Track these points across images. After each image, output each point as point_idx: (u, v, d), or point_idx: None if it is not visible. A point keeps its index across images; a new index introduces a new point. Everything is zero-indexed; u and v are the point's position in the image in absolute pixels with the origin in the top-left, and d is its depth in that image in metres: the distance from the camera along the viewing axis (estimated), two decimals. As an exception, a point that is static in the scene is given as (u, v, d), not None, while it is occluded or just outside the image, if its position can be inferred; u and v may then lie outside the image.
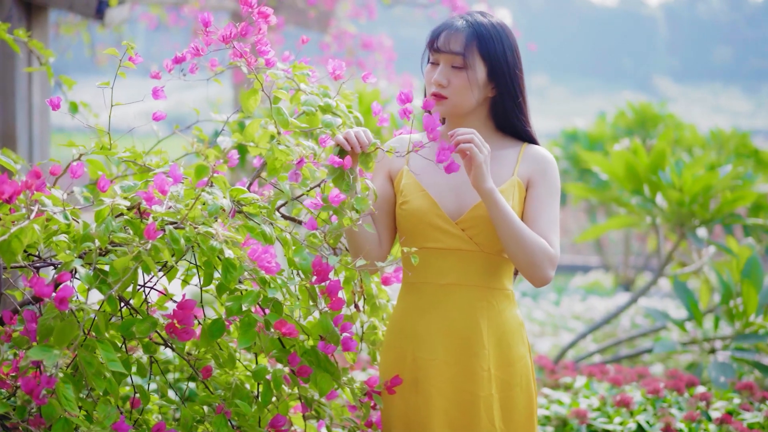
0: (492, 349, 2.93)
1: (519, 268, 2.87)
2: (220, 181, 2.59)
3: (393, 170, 3.03)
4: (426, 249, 2.93)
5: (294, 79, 3.03)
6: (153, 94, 2.99)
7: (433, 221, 2.92)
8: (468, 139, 2.75)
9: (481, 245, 2.92)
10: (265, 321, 2.66)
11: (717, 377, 5.19)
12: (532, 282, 2.89)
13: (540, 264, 2.83)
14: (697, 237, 6.05)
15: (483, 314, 2.93)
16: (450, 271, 2.93)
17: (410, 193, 2.95)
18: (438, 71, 2.91)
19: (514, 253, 2.83)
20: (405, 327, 2.97)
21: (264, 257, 2.54)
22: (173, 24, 10.75)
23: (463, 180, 2.94)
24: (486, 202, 2.80)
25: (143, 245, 2.49)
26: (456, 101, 2.92)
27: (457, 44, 2.88)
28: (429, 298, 2.95)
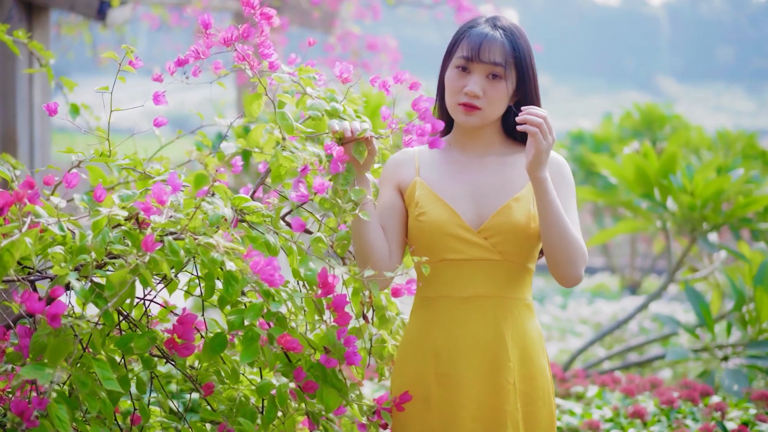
0: (516, 362, 2.83)
1: (556, 265, 2.77)
2: (221, 189, 2.47)
3: (402, 182, 2.91)
4: (446, 261, 2.83)
5: (300, 82, 2.93)
6: (154, 99, 2.89)
7: (453, 231, 2.81)
8: (537, 123, 2.68)
9: (504, 254, 2.81)
10: (268, 335, 2.55)
11: (730, 385, 5.07)
12: (565, 281, 2.80)
13: (577, 261, 2.77)
14: (708, 242, 5.93)
15: (507, 326, 2.83)
16: (472, 282, 2.82)
17: (427, 204, 2.84)
18: (472, 81, 2.80)
19: (556, 248, 2.74)
20: (423, 344, 2.86)
21: (267, 269, 2.43)
22: (175, 24, 10.66)
23: (481, 187, 2.86)
24: (538, 192, 2.72)
25: (141, 257, 2.38)
26: (488, 113, 2.83)
27: (497, 55, 2.79)
28: (450, 313, 2.83)
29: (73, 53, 11.19)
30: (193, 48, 2.77)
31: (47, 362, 2.31)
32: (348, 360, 2.69)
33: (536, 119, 2.67)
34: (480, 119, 2.83)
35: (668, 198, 6.04)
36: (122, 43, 12.52)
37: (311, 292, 2.67)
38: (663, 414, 4.29)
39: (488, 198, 2.84)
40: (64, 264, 2.43)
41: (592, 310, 9.60)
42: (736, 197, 5.77)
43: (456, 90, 2.82)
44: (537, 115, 2.68)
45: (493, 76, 2.80)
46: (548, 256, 2.78)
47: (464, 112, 2.82)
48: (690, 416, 4.29)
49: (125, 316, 2.69)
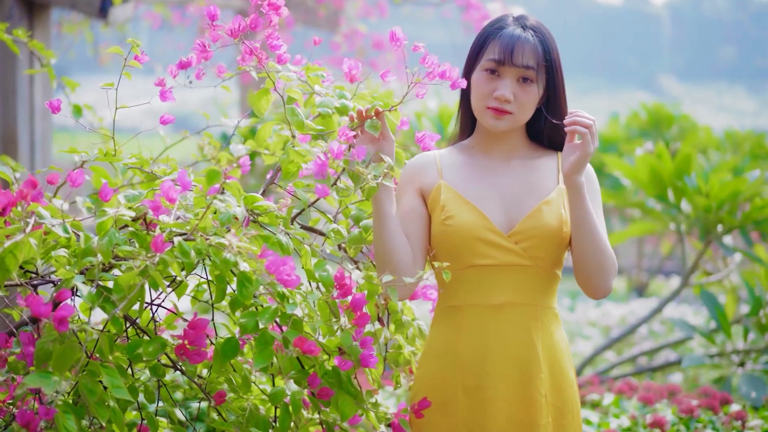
0: (547, 374, 2.72)
1: (588, 276, 2.68)
2: (233, 187, 2.36)
3: (425, 186, 2.79)
4: (474, 267, 2.71)
5: (307, 81, 2.82)
6: (161, 96, 2.80)
7: (483, 236, 2.70)
8: (587, 125, 2.61)
9: (535, 259, 2.71)
10: (283, 339, 2.44)
11: (748, 392, 4.96)
12: (595, 292, 2.71)
13: (609, 272, 2.69)
14: (724, 244, 5.82)
15: (538, 335, 2.72)
16: (502, 289, 2.71)
17: (454, 207, 2.73)
18: (503, 85, 2.70)
19: (589, 258, 2.66)
20: (449, 355, 2.73)
21: (283, 269, 2.32)
22: (178, 23, 10.56)
23: (509, 190, 2.76)
24: (574, 198, 2.64)
25: (150, 259, 2.27)
26: (519, 117, 2.74)
27: (530, 58, 2.70)
28: (478, 322, 2.71)
29: (74, 52, 11.10)
30: (198, 42, 2.66)
31: (53, 370, 2.20)
32: (364, 362, 2.58)
33: (586, 121, 2.60)
34: (510, 124, 2.73)
35: (682, 200, 5.92)
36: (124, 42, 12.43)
37: (327, 294, 2.57)
38: (682, 423, 4.17)
39: (517, 201, 2.74)
40: (69, 267, 2.32)
41: (601, 313, 9.49)
42: (753, 199, 5.65)
43: (485, 94, 2.72)
44: (586, 117, 2.60)
45: (523, 79, 2.70)
46: (580, 266, 2.68)
47: (494, 117, 2.72)
48: (710, 425, 4.17)
49: (132, 321, 2.58)
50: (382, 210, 2.65)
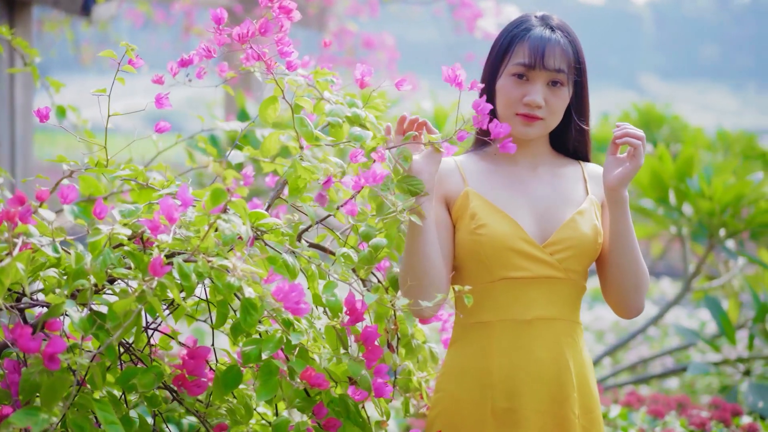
0: (578, 392, 2.56)
1: (623, 294, 2.54)
2: (239, 206, 2.18)
3: (450, 193, 2.61)
4: (506, 280, 2.54)
5: (315, 86, 2.65)
6: (156, 102, 2.62)
7: (517, 246, 2.53)
8: (640, 137, 2.48)
9: (568, 271, 2.55)
10: (289, 369, 2.26)
11: (755, 402, 4.81)
12: (628, 311, 2.58)
13: (644, 290, 2.57)
14: (727, 249, 5.66)
15: (569, 352, 2.56)
16: (536, 303, 2.54)
17: (487, 216, 2.55)
18: (534, 90, 2.55)
19: (628, 274, 2.53)
20: (476, 375, 2.56)
21: (292, 296, 2.14)
22: (161, 21, 10.36)
23: (540, 199, 2.60)
24: (617, 212, 2.51)
25: (148, 283, 2.08)
26: (550, 123, 2.60)
27: (561, 61, 2.56)
28: (510, 339, 2.54)
29: (55, 51, 10.90)
30: (202, 46, 2.47)
31: (41, 405, 2.02)
32: (377, 392, 2.41)
33: (639, 133, 2.48)
34: (541, 130, 2.58)
35: (684, 203, 5.77)
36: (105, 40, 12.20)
37: (335, 320, 2.39)
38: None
39: (549, 211, 2.59)
40: (58, 290, 2.14)
41: (593, 317, 9.33)
42: (757, 202, 5.50)
43: (514, 100, 2.55)
44: (637, 130, 2.49)
45: (553, 83, 2.55)
46: (616, 283, 2.53)
47: (524, 123, 2.56)
48: (723, 439, 4.02)
49: (126, 347, 2.39)
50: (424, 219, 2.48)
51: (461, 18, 8.43)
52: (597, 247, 2.56)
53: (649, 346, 7.92)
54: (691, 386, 6.53)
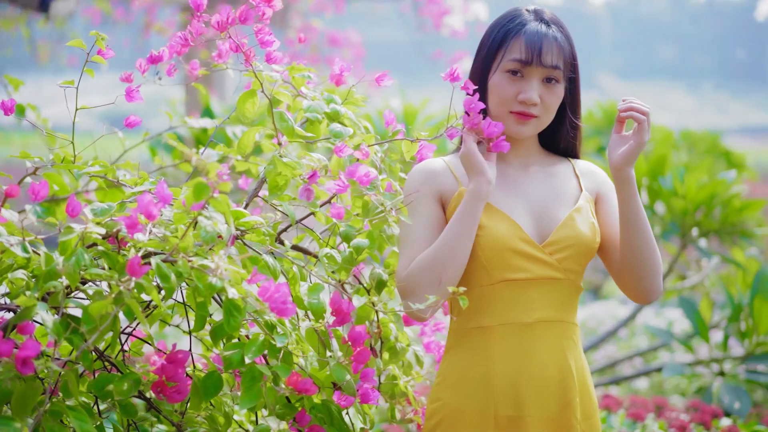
0: (579, 397, 2.47)
1: (639, 279, 2.43)
2: (222, 203, 2.06)
3: (445, 193, 2.49)
4: (506, 282, 2.43)
5: (291, 82, 2.54)
6: (127, 95, 2.52)
7: (517, 247, 2.43)
8: (645, 111, 2.38)
9: (567, 271, 2.45)
10: (273, 374, 2.15)
11: (731, 403, 4.76)
12: (648, 295, 2.46)
13: (659, 271, 2.46)
14: (700, 248, 5.61)
15: (571, 355, 2.46)
16: (537, 305, 2.43)
17: (485, 216, 2.43)
18: (529, 87, 2.44)
19: (643, 257, 2.42)
20: (476, 382, 2.44)
21: (277, 297, 2.03)
22: (120, 19, 10.20)
23: (535, 198, 2.50)
24: (626, 191, 2.41)
25: (125, 284, 1.97)
26: (544, 120, 2.50)
27: (558, 57, 2.45)
28: (511, 343, 2.43)
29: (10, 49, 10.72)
30: (179, 35, 2.36)
31: (12, 413, 1.90)
32: (363, 398, 2.32)
33: (644, 108, 2.38)
34: (535, 128, 2.48)
35: (656, 201, 5.72)
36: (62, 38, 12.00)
37: (319, 323, 2.29)
38: (675, 439, 3.95)
39: (545, 210, 2.49)
40: (29, 293, 2.02)
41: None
42: (731, 201, 5.46)
43: (509, 97, 2.45)
44: (642, 104, 2.39)
45: (548, 80, 2.45)
46: (632, 268, 2.43)
47: (518, 122, 2.46)
48: (703, 442, 3.96)
49: (100, 353, 2.28)
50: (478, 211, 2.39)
51: (427, 15, 8.34)
52: (594, 245, 2.48)
53: (617, 347, 7.86)
54: (660, 386, 6.48)
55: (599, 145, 9.69)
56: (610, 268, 2.50)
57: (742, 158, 9.53)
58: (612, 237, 2.51)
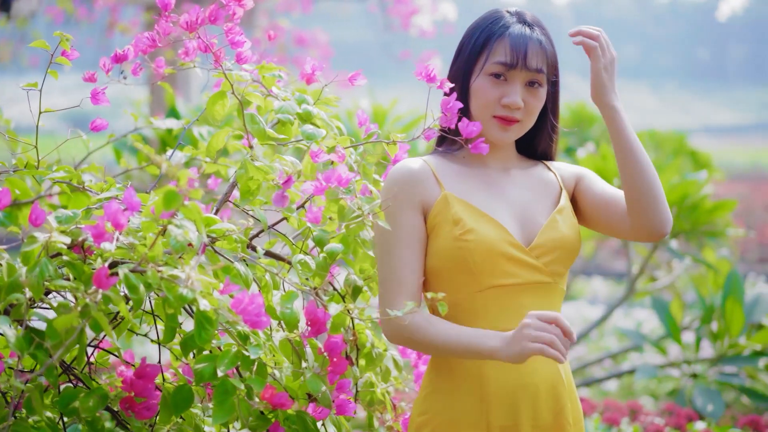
0: (569, 402, 2.41)
1: (653, 211, 2.35)
2: (193, 211, 1.98)
3: (427, 199, 2.40)
4: (495, 288, 2.36)
5: (261, 82, 2.46)
6: (92, 98, 2.43)
7: (506, 251, 2.35)
8: (594, 35, 2.35)
9: (554, 275, 2.39)
10: (246, 388, 2.07)
11: (704, 405, 4.73)
12: (663, 226, 2.37)
13: (665, 200, 2.38)
14: (671, 249, 5.58)
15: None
16: (527, 311, 2.31)
17: (473, 220, 2.36)
18: (513, 91, 2.37)
19: (649, 183, 2.34)
20: (469, 391, 2.36)
21: (251, 308, 1.95)
22: (83, 18, 10.05)
23: (518, 201, 2.44)
24: (614, 124, 2.36)
25: (92, 296, 1.88)
26: (526, 125, 2.43)
27: (542, 60, 2.39)
28: None
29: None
30: (146, 35, 2.28)
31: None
32: (339, 409, 2.24)
33: (592, 32, 2.35)
34: (517, 134, 2.42)
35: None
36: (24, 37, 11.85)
37: (294, 333, 2.21)
38: (650, 443, 3.90)
39: (529, 212, 2.43)
40: (-10, 306, 1.93)
41: (528, 318, 9.25)
42: (701, 202, 5.43)
43: (492, 101, 2.38)
44: (591, 28, 2.35)
45: (531, 83, 2.39)
46: (640, 201, 2.35)
47: (501, 128, 2.39)
48: (678, 445, 3.91)
49: (66, 367, 2.18)
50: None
51: (396, 15, 8.27)
52: (577, 246, 2.42)
53: (587, 348, 7.83)
54: (629, 388, 6.45)
55: (567, 145, 9.68)
56: (620, 225, 2.42)
57: (708, 158, 9.52)
58: (606, 199, 2.45)
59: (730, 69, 68.71)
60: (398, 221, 2.35)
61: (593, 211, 2.48)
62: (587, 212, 2.49)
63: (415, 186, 2.38)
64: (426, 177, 2.40)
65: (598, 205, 2.47)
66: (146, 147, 2.85)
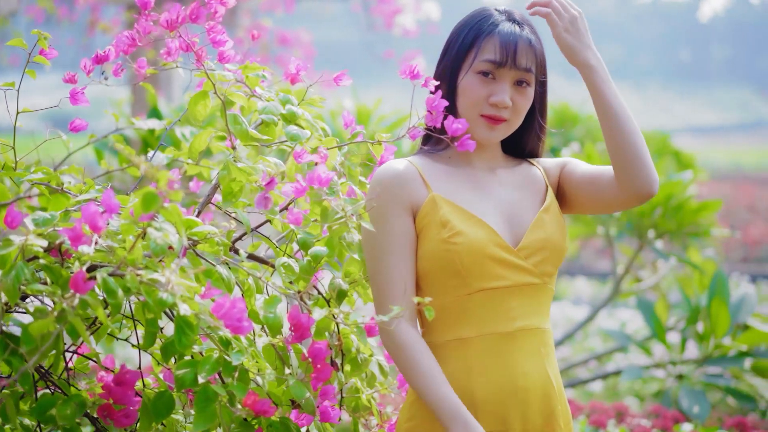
0: (560, 404, 2.38)
1: (636, 167, 2.31)
2: (173, 213, 1.93)
3: (415, 201, 2.36)
4: (484, 291, 2.32)
5: (245, 82, 2.41)
6: (71, 98, 2.38)
7: (495, 254, 2.32)
8: (545, 2, 2.34)
9: (543, 275, 2.36)
10: (228, 394, 2.02)
11: (690, 407, 4.70)
12: (649, 189, 2.34)
13: (650, 159, 2.34)
14: (656, 249, 5.56)
15: (550, 364, 2.37)
16: (516, 314, 2.32)
17: (461, 222, 2.32)
18: (501, 90, 2.34)
19: (632, 141, 2.31)
20: (458, 395, 2.30)
21: (233, 313, 1.90)
22: (64, 18, 9.98)
23: (505, 201, 2.41)
24: (587, 81, 2.34)
25: (68, 300, 1.83)
26: (514, 124, 2.40)
27: (531, 59, 2.36)
28: (492, 354, 2.32)
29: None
30: (126, 34, 2.23)
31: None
32: (323, 416, 2.20)
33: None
34: (503, 133, 2.39)
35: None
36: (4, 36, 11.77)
37: (277, 338, 2.16)
38: (638, 446, 3.87)
39: (516, 212, 2.40)
40: (-36, 311, 1.87)
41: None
42: (686, 202, 5.40)
43: (479, 100, 2.35)
44: None
45: (519, 82, 2.36)
46: (625, 161, 2.32)
47: (488, 127, 2.36)
48: (665, 448, 3.88)
49: (42, 373, 2.13)
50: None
51: (379, 14, 8.22)
52: (564, 246, 2.41)
53: (572, 349, 7.80)
54: (614, 389, 6.43)
55: (551, 145, 9.66)
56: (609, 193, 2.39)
57: (691, 158, 9.51)
58: (591, 175, 2.42)
59: (712, 69, 68.96)
60: (388, 225, 2.32)
61: (581, 191, 2.44)
62: (576, 194, 2.46)
63: (402, 188, 2.35)
64: (413, 178, 2.36)
65: (585, 182, 2.43)
66: (126, 148, 2.80)
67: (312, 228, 2.35)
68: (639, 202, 2.38)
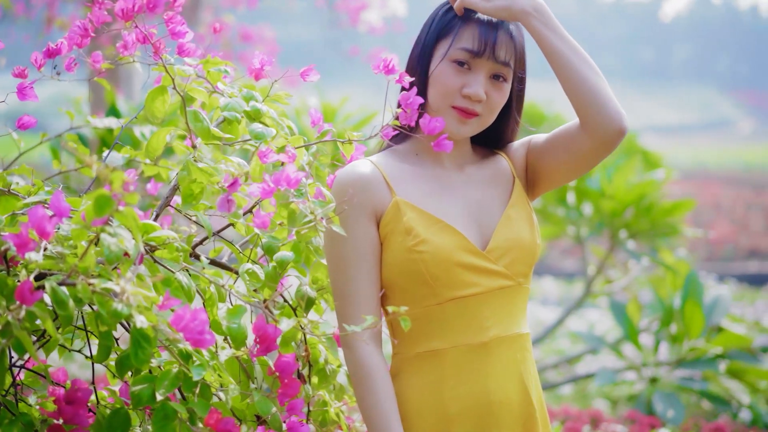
0: (538, 412, 2.25)
1: (596, 106, 2.17)
2: (129, 217, 1.78)
3: (378, 206, 2.22)
4: (455, 300, 2.19)
5: (206, 78, 2.27)
6: (18, 93, 2.23)
7: (464, 260, 2.19)
8: None
9: (516, 276, 2.23)
10: (189, 412, 1.88)
11: (664, 411, 4.61)
12: (617, 125, 2.19)
13: (614, 97, 2.20)
14: (628, 249, 5.46)
15: (527, 371, 2.25)
16: (491, 322, 2.20)
17: (425, 229, 2.19)
18: (476, 81, 2.20)
19: (586, 82, 2.18)
20: (430, 412, 2.20)
21: (194, 325, 1.76)
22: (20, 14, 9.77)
23: (473, 202, 2.27)
24: (528, 29, 2.19)
25: (14, 312, 1.68)
26: (487, 120, 2.26)
27: (509, 53, 2.22)
28: (467, 366, 2.20)
29: None
30: (78, 23, 2.08)
31: None
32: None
33: None
34: (475, 129, 2.25)
35: (583, 203, 5.55)
36: (-43, 35, 11.52)
37: (242, 350, 2.02)
38: (611, 453, 3.76)
39: (483, 212, 2.27)
40: None
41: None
42: (658, 202, 5.31)
43: (452, 90, 2.21)
44: None
45: (495, 76, 2.22)
46: (587, 99, 2.19)
47: (459, 121, 2.22)
48: (641, 455, 3.77)
49: (-11, 390, 1.98)
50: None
51: (344, 11, 8.08)
52: (536, 241, 2.28)
53: (541, 351, 7.70)
54: (583, 391, 6.34)
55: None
56: (579, 144, 2.23)
57: (659, 158, 9.46)
58: (555, 135, 2.29)
59: (675, 69, 69.36)
60: (350, 232, 2.17)
61: (552, 156, 2.29)
62: (548, 162, 2.31)
63: (364, 192, 2.21)
64: (377, 182, 2.22)
65: (552, 146, 2.29)
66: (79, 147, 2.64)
67: (277, 232, 2.22)
68: (612, 143, 2.23)
